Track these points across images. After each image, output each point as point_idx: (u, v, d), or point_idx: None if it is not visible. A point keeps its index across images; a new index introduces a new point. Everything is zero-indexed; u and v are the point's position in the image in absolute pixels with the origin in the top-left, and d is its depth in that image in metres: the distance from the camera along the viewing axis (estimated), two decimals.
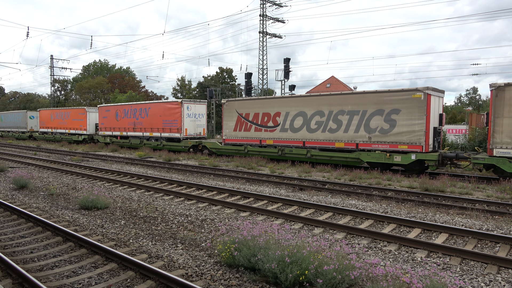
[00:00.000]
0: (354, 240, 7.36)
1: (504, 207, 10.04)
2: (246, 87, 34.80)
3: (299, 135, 19.42)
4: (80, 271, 5.75)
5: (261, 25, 37.84)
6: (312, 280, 4.88)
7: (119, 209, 9.81)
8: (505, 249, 6.73)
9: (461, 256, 6.32)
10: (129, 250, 6.65)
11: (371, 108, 16.76)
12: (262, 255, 5.30)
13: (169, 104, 27.27)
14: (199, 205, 10.33)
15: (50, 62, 59.94)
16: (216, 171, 17.15)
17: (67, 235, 7.18)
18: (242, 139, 21.99)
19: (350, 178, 14.81)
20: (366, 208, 9.91)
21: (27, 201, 10.98)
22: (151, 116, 28.18)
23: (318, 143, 18.67)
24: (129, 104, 31.10)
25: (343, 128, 17.70)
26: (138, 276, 5.50)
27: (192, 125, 26.58)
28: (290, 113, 19.67)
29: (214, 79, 64.39)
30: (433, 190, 12.29)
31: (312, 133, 18.89)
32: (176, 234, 7.63)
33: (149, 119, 28.30)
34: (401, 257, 6.45)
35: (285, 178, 14.94)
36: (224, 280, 5.38)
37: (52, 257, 6.36)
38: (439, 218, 8.91)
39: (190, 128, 26.38)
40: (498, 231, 7.96)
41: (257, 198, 11.11)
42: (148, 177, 14.96)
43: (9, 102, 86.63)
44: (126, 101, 50.47)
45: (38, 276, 5.43)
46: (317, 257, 5.03)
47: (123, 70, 78.60)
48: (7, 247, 6.84)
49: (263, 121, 20.98)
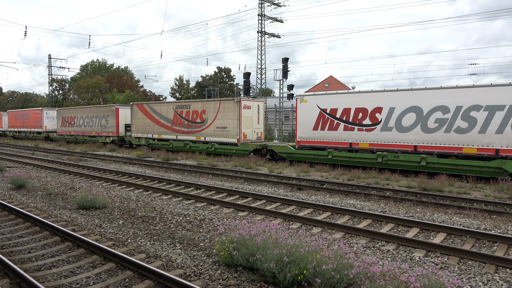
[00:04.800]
0: (352, 240, 7.37)
1: (502, 206, 10.07)
2: (244, 87, 34.78)
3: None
4: (78, 271, 5.74)
5: (259, 25, 37.83)
6: (310, 280, 4.88)
7: (117, 209, 9.79)
8: (502, 249, 6.75)
9: (459, 256, 6.34)
10: (127, 250, 6.63)
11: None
12: (261, 255, 5.30)
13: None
14: (197, 205, 10.32)
15: (48, 62, 59.79)
16: (214, 170, 17.15)
17: (65, 234, 7.16)
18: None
19: (348, 177, 14.83)
20: (365, 208, 9.93)
21: (25, 200, 10.95)
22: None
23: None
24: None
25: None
26: (136, 276, 5.50)
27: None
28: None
29: (212, 79, 64.37)
30: (431, 189, 12.32)
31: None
32: (174, 234, 7.62)
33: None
34: (399, 256, 6.46)
35: (283, 177, 14.95)
36: (223, 280, 5.37)
37: (50, 257, 6.35)
38: (437, 218, 8.93)
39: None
40: (496, 230, 7.98)
41: (256, 197, 11.11)
42: (146, 177, 14.94)
43: (7, 101, 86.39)
44: (124, 101, 50.27)
45: (36, 276, 5.42)
46: (315, 257, 5.04)
47: (121, 70, 78.51)
48: (5, 247, 6.82)
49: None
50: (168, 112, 26.71)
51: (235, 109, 22.21)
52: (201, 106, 24.46)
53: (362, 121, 17.06)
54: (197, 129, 24.66)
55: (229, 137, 22.62)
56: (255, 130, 23.05)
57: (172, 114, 26.37)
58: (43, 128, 42.23)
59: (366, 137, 16.94)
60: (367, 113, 16.95)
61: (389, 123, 16.31)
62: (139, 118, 28.88)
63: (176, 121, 26.07)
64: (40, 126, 42.24)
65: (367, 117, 16.94)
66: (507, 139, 13.49)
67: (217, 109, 23.31)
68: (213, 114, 23.59)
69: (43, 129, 42.22)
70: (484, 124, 13.95)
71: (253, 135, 22.87)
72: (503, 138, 13.57)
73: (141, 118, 28.71)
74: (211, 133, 23.67)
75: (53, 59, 59.93)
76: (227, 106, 22.78)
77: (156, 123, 27.49)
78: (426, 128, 15.30)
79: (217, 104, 23.38)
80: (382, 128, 16.50)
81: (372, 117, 16.81)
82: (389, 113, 16.31)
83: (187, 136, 25.25)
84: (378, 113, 16.62)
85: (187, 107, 25.39)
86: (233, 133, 22.42)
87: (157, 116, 27.47)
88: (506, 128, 13.49)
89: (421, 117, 15.44)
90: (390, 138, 16.29)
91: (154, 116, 27.69)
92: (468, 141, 14.28)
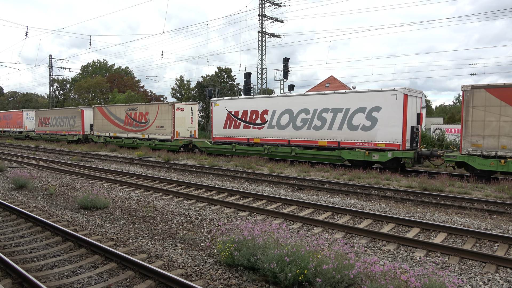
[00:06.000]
0: (353, 240, 7.38)
1: (502, 206, 10.07)
2: (245, 87, 34.81)
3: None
4: (79, 270, 5.76)
5: (260, 25, 37.85)
6: (311, 279, 4.89)
7: (119, 209, 9.81)
8: (503, 248, 6.76)
9: (459, 255, 6.34)
10: (128, 250, 6.65)
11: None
12: (262, 255, 5.32)
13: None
14: (198, 205, 10.34)
15: (49, 62, 59.87)
16: (215, 170, 17.16)
17: (66, 234, 7.18)
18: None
19: (349, 177, 14.83)
20: (365, 208, 9.93)
21: (26, 201, 10.98)
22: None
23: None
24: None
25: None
26: (137, 276, 5.51)
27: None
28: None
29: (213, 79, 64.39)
30: (431, 189, 12.32)
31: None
32: (175, 234, 7.64)
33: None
34: (400, 256, 6.47)
35: (284, 177, 14.96)
36: (224, 280, 5.39)
37: (51, 256, 6.37)
38: (437, 218, 8.93)
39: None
40: (496, 230, 7.99)
41: (256, 197, 11.12)
42: (147, 177, 14.96)
43: (8, 102, 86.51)
44: (125, 101, 50.45)
45: (37, 276, 5.44)
46: (316, 257, 5.05)
47: (122, 70, 78.51)
48: (7, 247, 6.85)
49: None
50: (121, 113, 30.62)
51: (170, 111, 26.22)
52: (145, 109, 28.60)
53: (255, 121, 21.17)
54: (142, 128, 28.84)
55: (165, 135, 26.69)
56: (189, 128, 27.14)
57: (124, 115, 30.35)
58: (23, 127, 46.47)
59: (258, 133, 21.03)
60: (258, 114, 21.01)
61: (272, 122, 20.34)
62: (99, 119, 32.94)
63: (127, 121, 30.16)
64: (21, 126, 46.68)
65: (259, 118, 21.01)
66: (345, 134, 17.51)
67: (157, 111, 27.43)
68: (154, 116, 27.68)
69: (24, 129, 46.47)
70: (330, 122, 17.97)
71: (187, 133, 26.98)
72: (342, 133, 17.58)
73: (100, 119, 32.77)
74: (153, 131, 27.80)
75: (54, 59, 60.17)
76: (163, 109, 26.87)
77: (112, 123, 31.48)
78: (296, 126, 19.33)
79: (156, 107, 27.61)
80: (268, 126, 20.56)
81: (262, 118, 20.87)
82: (273, 115, 20.32)
83: (135, 134, 29.45)
84: (266, 115, 20.65)
85: (135, 109, 29.48)
86: (168, 131, 26.47)
87: (113, 117, 31.44)
88: (344, 126, 17.50)
89: (292, 118, 19.43)
90: (273, 134, 20.34)
91: (111, 117, 31.66)
92: (321, 136, 18.33)
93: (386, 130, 16.18)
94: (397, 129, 15.88)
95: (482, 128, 13.90)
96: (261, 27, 37.89)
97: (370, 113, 16.58)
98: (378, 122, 16.40)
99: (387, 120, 16.11)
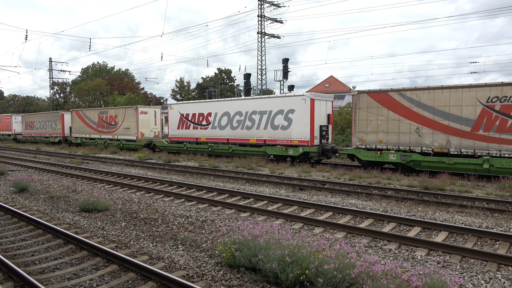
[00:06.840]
0: (354, 239, 7.38)
1: (503, 204, 10.06)
2: (245, 88, 34.84)
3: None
4: (81, 273, 5.76)
5: (259, 26, 37.89)
6: (312, 280, 4.89)
7: (120, 211, 9.82)
8: (504, 247, 6.76)
9: (461, 254, 6.34)
10: (130, 252, 6.66)
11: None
12: (263, 255, 5.32)
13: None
14: (199, 206, 10.35)
15: (49, 65, 59.93)
16: (216, 172, 17.17)
17: (68, 237, 7.19)
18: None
19: (349, 177, 14.83)
20: (366, 207, 9.93)
21: (28, 204, 11.00)
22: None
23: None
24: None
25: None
26: (139, 278, 5.52)
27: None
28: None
29: (213, 80, 64.43)
30: (432, 188, 12.32)
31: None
32: (176, 235, 7.64)
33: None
34: (401, 255, 6.47)
35: (285, 178, 14.96)
36: (225, 281, 5.39)
37: (53, 259, 6.38)
38: (438, 217, 8.93)
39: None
40: (497, 228, 7.98)
41: (257, 198, 11.13)
42: (148, 179, 14.97)
43: (8, 105, 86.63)
44: (125, 104, 50.56)
45: (39, 279, 5.45)
46: (317, 257, 5.05)
47: (122, 72, 78.58)
48: (8, 250, 6.86)
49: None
50: (94, 117, 33.52)
51: (134, 114, 29.07)
52: (114, 112, 31.47)
53: (202, 122, 23.91)
54: (112, 130, 31.72)
55: (131, 136, 29.62)
56: (153, 130, 29.90)
57: (97, 118, 33.22)
58: (12, 131, 49.45)
59: (204, 133, 23.80)
60: (204, 116, 23.75)
61: (215, 123, 23.08)
62: (76, 122, 36.14)
63: (99, 124, 33.10)
64: (10, 129, 49.89)
65: (204, 120, 23.74)
66: (269, 133, 20.34)
67: (124, 115, 30.20)
68: (121, 118, 30.53)
69: (12, 132, 49.45)
70: (258, 123, 20.78)
71: (151, 133, 29.74)
72: (267, 132, 20.43)
73: (77, 122, 35.90)
74: (121, 132, 30.69)
75: (54, 62, 60.19)
76: (129, 112, 29.69)
77: (87, 125, 34.52)
78: (232, 126, 22.11)
79: (124, 110, 30.44)
80: (211, 127, 23.31)
81: (207, 120, 23.61)
82: (215, 116, 23.07)
83: (106, 135, 32.30)
84: (210, 116, 23.41)
85: (106, 113, 32.39)
86: (133, 132, 29.35)
87: (88, 120, 34.43)
88: (268, 126, 20.34)
89: (230, 119, 22.21)
90: (215, 134, 23.04)
91: (86, 120, 34.64)
92: (252, 134, 21.11)
93: (299, 129, 19.00)
94: (306, 128, 18.70)
95: (366, 126, 16.78)
96: (260, 28, 37.93)
97: (287, 114, 19.46)
98: (293, 122, 19.25)
99: (299, 120, 18.94)
